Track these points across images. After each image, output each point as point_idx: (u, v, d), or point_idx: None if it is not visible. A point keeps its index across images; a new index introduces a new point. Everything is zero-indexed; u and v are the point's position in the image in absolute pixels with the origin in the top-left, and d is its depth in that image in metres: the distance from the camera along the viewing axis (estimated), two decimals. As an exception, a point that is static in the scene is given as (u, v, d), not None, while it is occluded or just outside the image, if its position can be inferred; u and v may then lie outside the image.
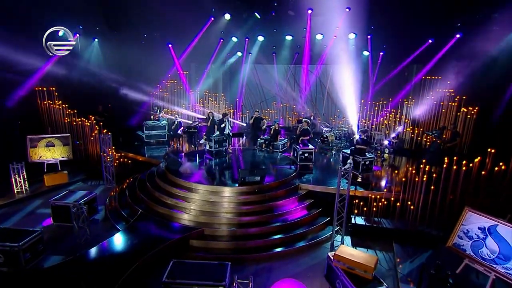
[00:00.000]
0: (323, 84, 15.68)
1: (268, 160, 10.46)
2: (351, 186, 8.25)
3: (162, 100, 15.66)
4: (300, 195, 8.38)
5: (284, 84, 16.17)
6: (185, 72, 16.02)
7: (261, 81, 16.49)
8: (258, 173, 8.25)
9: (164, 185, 8.65)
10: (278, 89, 16.26)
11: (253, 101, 16.15)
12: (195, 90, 16.13)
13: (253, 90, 16.68)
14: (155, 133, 12.87)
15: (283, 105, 16.20)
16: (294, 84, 16.07)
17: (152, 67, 14.23)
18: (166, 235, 6.85)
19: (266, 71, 16.41)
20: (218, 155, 10.81)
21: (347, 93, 14.71)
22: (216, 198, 8.00)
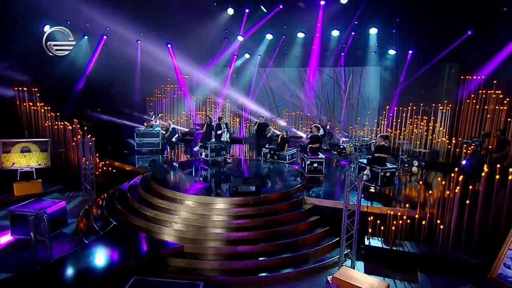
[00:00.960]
0: (342, 89, 15.37)
1: (271, 172, 10.27)
2: (367, 201, 7.86)
3: (159, 106, 15.77)
4: (304, 210, 7.97)
5: (296, 89, 16.07)
6: (186, 76, 16.15)
7: (271, 86, 16.44)
8: (253, 183, 7.91)
9: (145, 195, 8.43)
10: (290, 95, 16.15)
11: (262, 108, 16.08)
12: (196, 96, 16.19)
13: (261, 97, 16.62)
14: (147, 141, 12.81)
15: (295, 113, 16.01)
16: (309, 89, 15.90)
17: (149, 69, 14.37)
18: (136, 251, 6.46)
19: (276, 75, 16.33)
20: (215, 165, 10.79)
21: (370, 99, 14.33)
22: (204, 210, 7.70)
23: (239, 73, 16.78)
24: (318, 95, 15.68)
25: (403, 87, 13.54)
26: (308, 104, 15.91)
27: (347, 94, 15.21)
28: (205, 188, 8.70)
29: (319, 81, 15.66)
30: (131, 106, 14.20)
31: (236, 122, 16.18)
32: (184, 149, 12.92)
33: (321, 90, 15.63)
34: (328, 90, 15.49)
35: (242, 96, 16.25)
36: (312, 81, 15.76)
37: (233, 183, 7.89)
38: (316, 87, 15.74)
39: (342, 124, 14.88)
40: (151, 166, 9.40)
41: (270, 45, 15.11)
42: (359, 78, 14.84)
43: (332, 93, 15.48)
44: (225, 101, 16.29)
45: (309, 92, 15.87)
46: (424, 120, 12.34)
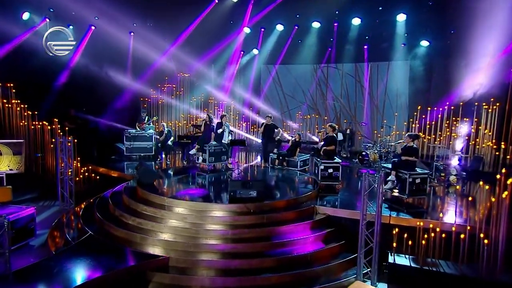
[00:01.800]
0: (364, 88, 15.21)
1: (279, 180, 10.23)
2: (391, 212, 7.56)
3: (155, 108, 15.86)
4: (315, 220, 7.77)
5: (311, 89, 16.01)
6: (186, 75, 16.27)
7: (282, 86, 16.47)
8: (254, 187, 7.76)
9: (129, 202, 8.36)
10: (304, 96, 16.12)
11: (272, 111, 16.00)
12: (197, 96, 16.27)
13: (271, 98, 16.62)
14: (139, 145, 12.81)
15: (310, 117, 15.92)
16: (327, 89, 15.79)
17: (143, 65, 14.42)
18: (110, 264, 6.24)
19: (288, 73, 16.32)
20: (214, 172, 10.81)
21: (398, 99, 14.05)
22: (196, 218, 7.57)
23: (244, 71, 16.85)
24: (336, 96, 15.59)
25: (439, 84, 13.22)
26: (325, 106, 15.81)
27: (371, 93, 15.03)
28: (198, 193, 8.69)
29: (337, 80, 15.56)
30: (123, 107, 14.19)
31: (241, 126, 16.17)
32: (181, 156, 12.95)
33: (340, 90, 15.53)
34: (348, 89, 15.37)
35: (248, 97, 16.35)
36: (329, 79, 15.68)
37: (231, 186, 7.75)
38: (334, 86, 15.64)
39: (364, 126, 14.68)
40: (138, 170, 9.34)
41: (281, 37, 15.07)
42: (385, 75, 14.63)
43: (353, 93, 15.31)
44: (229, 102, 16.33)
45: (326, 92, 15.79)
46: (465, 121, 11.94)
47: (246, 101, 16.54)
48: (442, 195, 9.50)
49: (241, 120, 16.31)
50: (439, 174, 10.64)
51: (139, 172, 9.24)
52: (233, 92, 16.72)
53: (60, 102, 12.40)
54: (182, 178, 10.15)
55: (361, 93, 15.24)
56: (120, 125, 13.80)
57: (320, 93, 15.88)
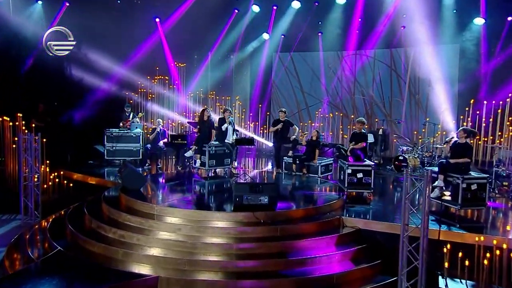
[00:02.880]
0: (402, 79, 15.05)
1: (295, 187, 10.24)
2: (441, 226, 7.38)
3: (144, 104, 16.00)
4: (342, 234, 7.67)
5: (335, 82, 16.03)
6: (181, 65, 16.32)
7: (299, 78, 16.47)
8: (265, 191, 7.68)
9: (110, 211, 8.30)
10: (326, 91, 16.12)
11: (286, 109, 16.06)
12: (195, 91, 16.41)
13: (285, 93, 16.66)
14: (123, 147, 12.82)
15: (333, 115, 15.93)
16: (354, 82, 15.76)
17: (131, 50, 14.53)
18: (84, 286, 6.09)
19: (305, 63, 16.33)
20: (215, 178, 10.87)
21: (444, 91, 13.84)
22: (193, 230, 7.46)
23: (252, 60, 16.99)
24: (366, 89, 15.54)
25: (497, 73, 13.07)
26: (353, 102, 15.76)
27: (410, 85, 14.92)
28: (196, 200, 8.79)
29: (367, 70, 15.51)
30: (104, 100, 14.25)
31: (248, 127, 16.28)
32: (175, 160, 12.98)
33: (371, 82, 15.48)
34: (382, 81, 15.31)
35: (257, 91, 16.61)
36: (357, 69, 15.63)
37: (236, 191, 7.66)
38: (363, 77, 15.62)
39: (401, 125, 14.59)
40: (122, 172, 9.31)
41: (297, 16, 15.06)
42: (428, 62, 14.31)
43: (388, 85, 15.21)
44: (234, 98, 16.45)
45: (354, 86, 15.75)
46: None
47: (254, 97, 16.58)
48: (506, 206, 9.35)
49: (248, 120, 16.35)
50: (500, 183, 10.41)
51: (123, 175, 9.18)
52: (238, 85, 16.79)
53: (26, 93, 12.40)
54: (176, 185, 10.24)
55: (397, 84, 15.18)
56: (100, 123, 13.70)
57: (346, 87, 15.86)
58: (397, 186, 11.32)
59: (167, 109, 16.21)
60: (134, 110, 15.06)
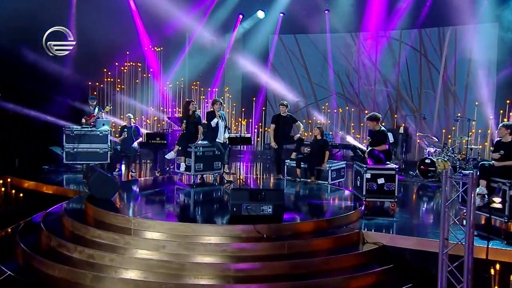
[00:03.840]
0: (435, 66, 15.12)
1: (302, 195, 10.31)
2: (489, 242, 7.25)
3: (111, 97, 15.96)
4: (362, 252, 7.68)
5: (348, 71, 16.06)
6: (158, 49, 16.31)
7: (306, 66, 16.45)
8: (268, 199, 7.67)
9: (75, 226, 8.23)
10: (337, 81, 16.17)
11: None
12: (175, 81, 16.43)
13: (287, 84, 16.67)
14: (86, 148, 12.73)
15: (344, 110, 15.98)
16: (376, 71, 15.83)
17: (92, 32, 14.27)
18: None
19: (312, 47, 16.38)
20: (203, 186, 10.87)
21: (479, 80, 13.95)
22: (180, 247, 7.41)
23: (245, 43, 17.00)
24: (388, 78, 15.53)
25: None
26: (371, 93, 15.77)
27: (444, 74, 14.97)
28: (182, 211, 8.82)
29: (387, 55, 15.54)
30: (62, 92, 14.15)
31: (239, 125, 16.22)
32: (152, 164, 12.96)
33: (392, 70, 15.54)
34: (409, 69, 15.36)
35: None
36: (378, 54, 15.67)
37: (233, 198, 7.64)
38: (384, 64, 15.64)
39: (427, 121, 14.62)
40: (88, 177, 9.22)
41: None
42: (456, 45, 14.57)
43: (416, 74, 15.29)
44: (223, 90, 16.51)
45: (370, 73, 15.77)
46: None
47: (247, 88, 16.69)
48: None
49: (240, 116, 16.37)
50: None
51: (90, 181, 9.11)
52: (228, 74, 16.91)
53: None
54: (155, 194, 10.28)
55: (428, 73, 15.26)
56: (58, 120, 13.71)
57: (364, 76, 15.95)
58: (423, 194, 11.36)
59: (140, 103, 16.25)
60: (100, 103, 15.03)
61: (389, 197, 9.29)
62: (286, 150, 12.16)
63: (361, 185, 9.43)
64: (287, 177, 11.55)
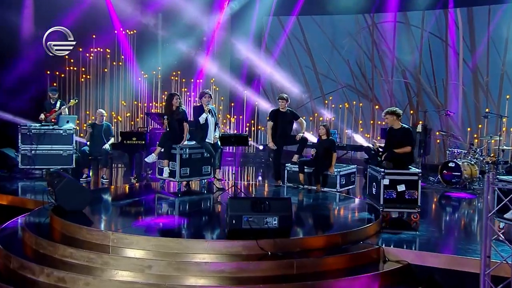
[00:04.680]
0: (452, 50, 15.23)
1: (308, 205, 10.38)
2: None
3: (75, 89, 15.98)
4: (384, 272, 7.66)
5: (360, 59, 16.19)
6: (131, 32, 16.41)
7: (311, 53, 16.58)
8: (273, 209, 7.67)
9: (39, 243, 8.13)
10: (344, 72, 16.30)
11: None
12: (151, 71, 16.53)
13: (287, 74, 16.75)
14: (47, 150, 12.69)
15: (349, 104, 16.11)
16: (393, 59, 15.91)
17: (51, 11, 14.53)
18: None
19: (318, 31, 16.51)
20: (190, 194, 10.91)
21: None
22: (168, 267, 7.36)
23: (233, 27, 17.16)
24: (406, 67, 15.69)
25: None
26: (387, 86, 15.91)
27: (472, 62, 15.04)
28: (170, 224, 8.86)
29: (403, 40, 15.65)
30: (17, 82, 14.24)
31: (228, 122, 16.30)
32: (126, 169, 13.12)
33: (412, 58, 15.67)
34: (433, 58, 15.45)
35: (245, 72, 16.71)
36: (394, 39, 15.79)
37: (232, 209, 7.59)
38: (401, 51, 15.78)
39: (451, 118, 14.71)
40: (55, 185, 9.10)
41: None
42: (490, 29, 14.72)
43: (441, 62, 15.39)
44: (208, 81, 16.67)
45: (386, 62, 15.90)
46: None
47: (237, 79, 16.74)
48: None
49: (229, 112, 16.44)
50: None
51: (57, 189, 8.98)
52: (214, 62, 16.92)
53: None
54: (134, 204, 10.26)
55: (455, 62, 15.34)
56: (12, 116, 13.79)
57: (379, 65, 16.06)
58: (447, 204, 11.52)
59: (110, 95, 16.34)
60: (62, 95, 15.00)
61: (411, 207, 9.32)
62: (286, 152, 12.22)
63: (377, 193, 9.46)
64: (287, 184, 11.55)
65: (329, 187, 11.28)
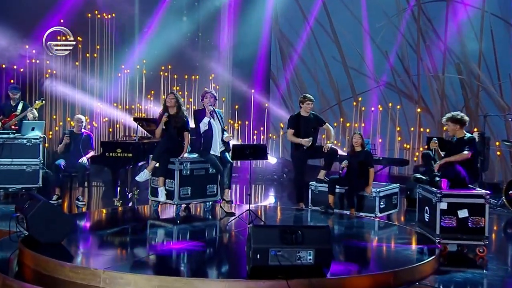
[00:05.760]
0: None
1: (345, 239, 10.22)
2: None
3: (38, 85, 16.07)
4: None
5: (403, 50, 16.31)
6: (107, 16, 16.60)
7: (339, 42, 16.78)
8: (308, 240, 7.60)
9: (8, 284, 7.95)
10: (381, 67, 16.41)
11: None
12: (135, 66, 16.67)
13: (306, 69, 16.83)
14: (5, 165, 12.75)
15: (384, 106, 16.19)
16: (445, 50, 15.96)
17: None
18: None
19: (347, 13, 16.62)
20: (191, 221, 10.86)
21: None
22: None
23: (240, 9, 17.25)
24: (462, 62, 15.76)
25: None
26: (440, 85, 15.95)
27: None
28: (173, 259, 8.87)
29: (464, 26, 15.68)
30: None
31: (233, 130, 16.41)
32: (104, 188, 13.14)
33: (470, 49, 15.69)
34: (496, 46, 15.47)
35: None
36: (447, 25, 15.82)
37: (256, 240, 7.53)
38: (455, 40, 15.82)
39: None
40: (25, 210, 9.03)
41: None
42: None
43: (506, 52, 15.42)
44: (206, 77, 16.84)
45: (436, 54, 15.96)
46: None
47: (241, 75, 16.93)
48: None
49: (230, 117, 16.59)
50: None
51: (29, 216, 8.89)
52: (212, 54, 17.23)
53: None
54: (125, 234, 10.13)
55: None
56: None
57: (428, 59, 16.08)
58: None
59: (83, 96, 16.35)
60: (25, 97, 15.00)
61: (476, 239, 9.26)
62: (310, 167, 12.25)
63: (431, 220, 9.43)
64: (312, 207, 11.54)
65: (365, 212, 11.25)
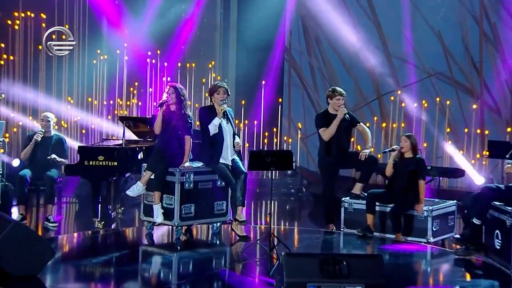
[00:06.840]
0: None
1: (396, 270, 10.17)
2: None
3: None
4: None
5: (464, 32, 16.41)
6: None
7: (379, 23, 16.97)
8: (355, 273, 7.65)
9: None
10: (433, 54, 16.53)
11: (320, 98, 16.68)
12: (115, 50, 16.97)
13: (334, 56, 17.17)
14: None
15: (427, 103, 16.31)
16: (499, 43, 16.08)
17: None
18: None
19: None
20: (193, 248, 10.93)
21: None
22: None
23: None
24: None
25: None
26: (503, 73, 15.95)
27: None
28: None
29: None
30: None
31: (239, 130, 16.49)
32: (78, 205, 13.19)
33: None
34: None
35: None
36: None
37: (289, 273, 7.58)
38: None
39: None
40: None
41: None
42: None
43: None
44: (206, 66, 17.09)
45: (497, 34, 16.04)
46: None
47: (249, 64, 17.04)
48: None
49: (240, 115, 16.67)
50: None
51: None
52: (213, 40, 17.41)
53: None
54: (111, 265, 10.14)
55: None
56: None
57: (493, 42, 16.18)
58: None
59: (47, 90, 16.67)
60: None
61: None
62: (342, 178, 12.43)
63: (505, 248, 9.51)
64: (345, 229, 11.67)
65: (415, 236, 11.28)
